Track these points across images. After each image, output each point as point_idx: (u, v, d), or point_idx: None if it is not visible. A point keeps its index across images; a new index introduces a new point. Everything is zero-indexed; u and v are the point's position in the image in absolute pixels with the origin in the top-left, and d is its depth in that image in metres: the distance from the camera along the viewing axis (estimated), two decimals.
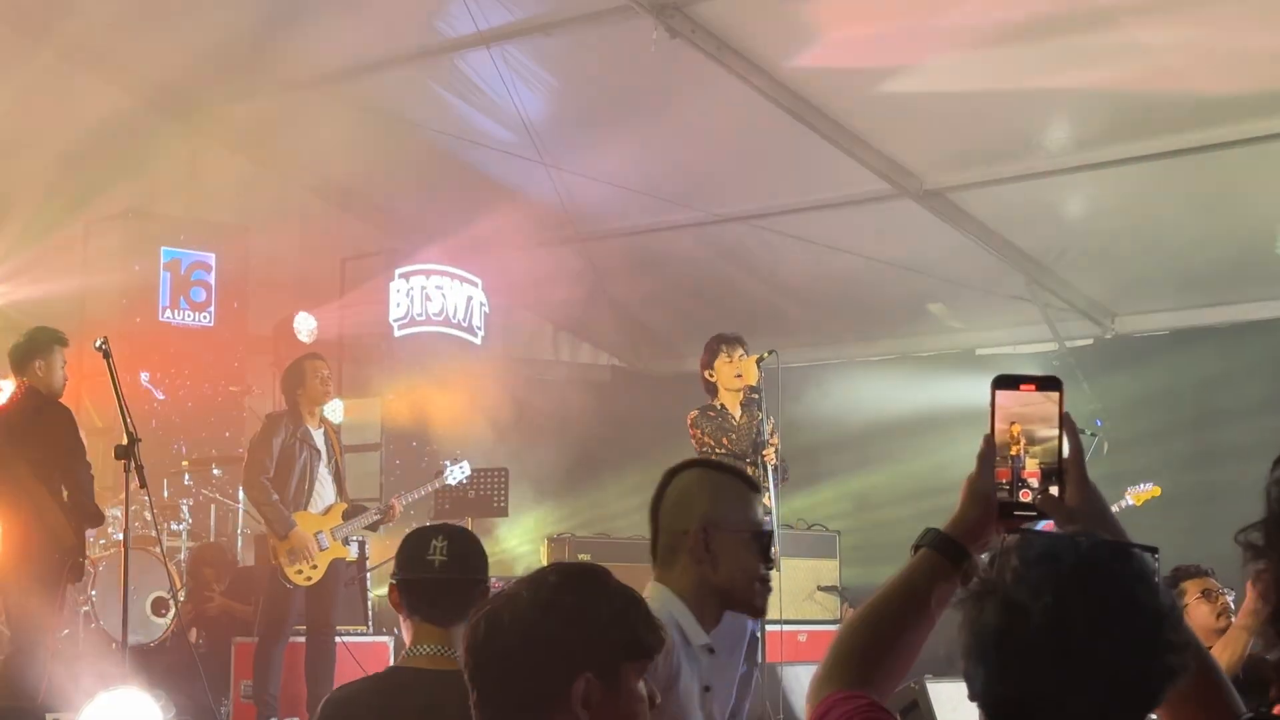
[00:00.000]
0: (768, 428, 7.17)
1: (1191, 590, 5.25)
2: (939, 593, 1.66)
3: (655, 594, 2.85)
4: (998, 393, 1.69)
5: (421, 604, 3.03)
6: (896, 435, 11.50)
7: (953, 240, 10.18)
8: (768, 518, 7.01)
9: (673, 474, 2.95)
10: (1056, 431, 1.68)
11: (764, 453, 7.11)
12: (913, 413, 11.36)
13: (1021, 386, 1.69)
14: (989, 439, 1.68)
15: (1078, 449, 1.69)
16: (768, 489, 7.13)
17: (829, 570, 9.89)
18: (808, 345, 11.87)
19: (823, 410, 11.69)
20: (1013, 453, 1.68)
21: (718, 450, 7.16)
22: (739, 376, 7.19)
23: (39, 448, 6.86)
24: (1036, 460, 1.68)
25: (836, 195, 10.14)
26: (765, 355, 7.24)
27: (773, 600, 2.86)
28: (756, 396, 7.20)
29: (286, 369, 8.15)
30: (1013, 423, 1.68)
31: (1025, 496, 1.68)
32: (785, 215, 10.51)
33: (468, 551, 3.09)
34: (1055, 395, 1.69)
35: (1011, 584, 1.43)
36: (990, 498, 1.69)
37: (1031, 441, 1.67)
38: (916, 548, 1.72)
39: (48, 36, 9.98)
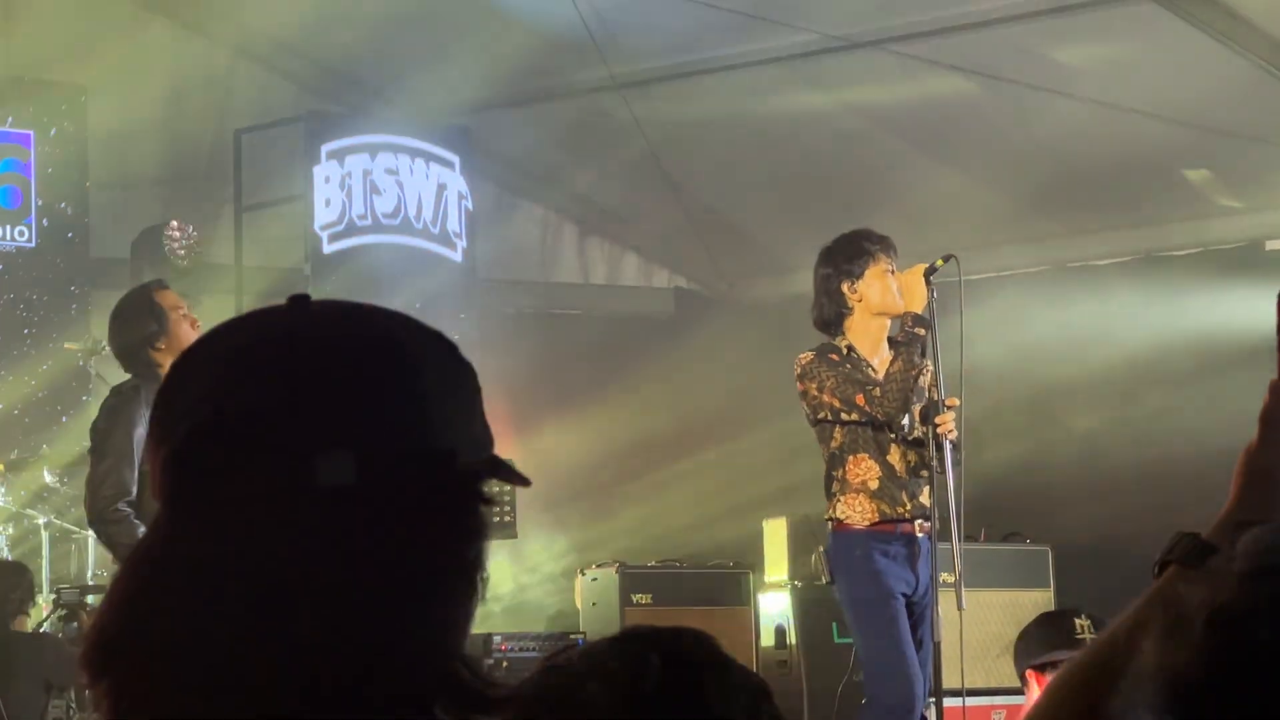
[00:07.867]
0: (934, 383, 7.20)
1: None
2: None
3: None
4: None
5: None
6: (1137, 383, 11.53)
7: (1224, 64, 10.13)
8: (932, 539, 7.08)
9: None
10: None
11: (938, 421, 7.09)
12: (1162, 347, 11.38)
13: None
14: (1278, 388, 1.76)
15: None
16: (942, 477, 7.13)
17: (1038, 607, 9.82)
18: (983, 248, 11.80)
19: (1012, 348, 11.65)
20: None
21: (846, 415, 7.14)
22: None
23: None
24: None
25: None
26: (939, 263, 7.23)
27: (950, 659, 2.81)
28: (923, 333, 7.18)
29: (118, 312, 7.61)
30: None
31: None
32: (938, 36, 10.53)
33: None
34: None
35: (1231, 600, 1.52)
36: None
37: None
38: (1161, 564, 1.77)
39: None
